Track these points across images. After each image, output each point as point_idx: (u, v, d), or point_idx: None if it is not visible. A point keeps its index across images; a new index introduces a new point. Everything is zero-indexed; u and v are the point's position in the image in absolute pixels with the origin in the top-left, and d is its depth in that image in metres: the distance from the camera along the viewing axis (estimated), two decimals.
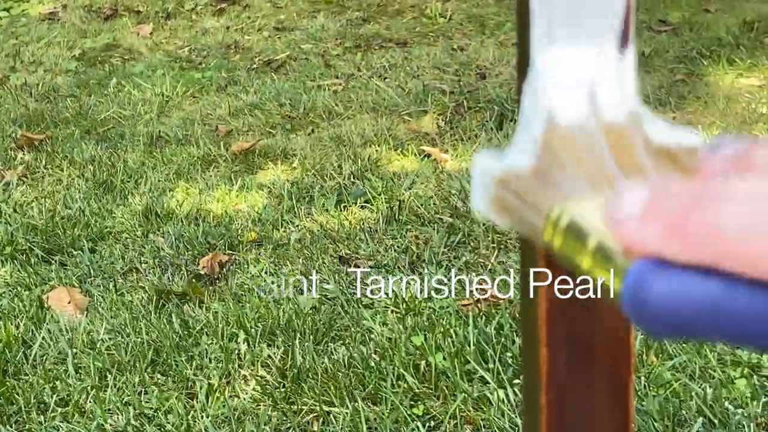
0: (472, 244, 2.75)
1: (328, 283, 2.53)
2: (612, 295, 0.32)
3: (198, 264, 2.72)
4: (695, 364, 1.96)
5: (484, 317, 2.26)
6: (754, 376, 1.90)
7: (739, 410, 1.79)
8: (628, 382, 0.52)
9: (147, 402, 2.02)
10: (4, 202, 3.28)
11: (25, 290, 2.58)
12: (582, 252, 0.33)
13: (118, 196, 3.30)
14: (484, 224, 2.82)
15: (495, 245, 2.70)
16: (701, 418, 1.77)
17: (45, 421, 1.97)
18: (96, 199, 3.27)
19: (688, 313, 0.29)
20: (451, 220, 2.87)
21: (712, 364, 1.96)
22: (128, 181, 3.45)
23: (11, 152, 3.85)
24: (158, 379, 2.13)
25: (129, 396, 2.05)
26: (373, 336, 2.25)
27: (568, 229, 0.34)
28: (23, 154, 3.81)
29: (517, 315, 2.26)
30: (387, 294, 2.45)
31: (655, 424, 1.77)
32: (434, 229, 2.86)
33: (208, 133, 4.02)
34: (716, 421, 1.77)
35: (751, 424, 1.73)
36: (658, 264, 0.29)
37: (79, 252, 2.82)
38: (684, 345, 2.05)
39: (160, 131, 4.02)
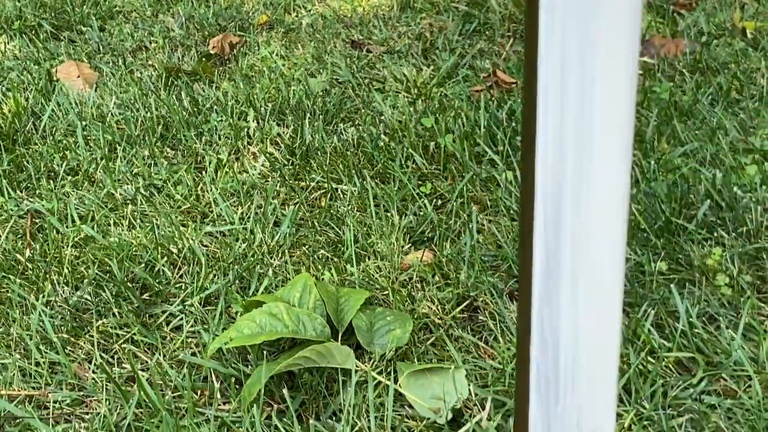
0: (487, 32, 2.70)
1: (340, 67, 2.50)
2: None
3: (208, 45, 2.68)
4: (706, 150, 1.95)
5: (495, 102, 2.24)
6: (765, 163, 1.89)
7: (748, 194, 1.79)
8: None
9: (156, 174, 2.03)
10: None
11: (34, 64, 2.56)
12: None
13: None
14: (500, 13, 2.76)
15: (510, 34, 2.65)
16: (708, 201, 1.77)
17: (55, 188, 1.98)
18: None
19: None
20: (467, 9, 2.81)
21: (723, 150, 1.95)
22: None
23: None
24: (167, 152, 2.13)
25: (138, 168, 2.05)
26: (383, 118, 2.24)
27: None
28: None
29: None
30: (399, 78, 2.42)
31: (662, 206, 1.77)
32: (449, 17, 2.80)
33: None
34: (723, 205, 1.77)
35: (758, 208, 1.73)
36: None
37: (88, 29, 2.78)
38: (697, 132, 2.04)
39: None
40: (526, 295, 0.46)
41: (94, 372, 1.51)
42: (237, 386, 1.46)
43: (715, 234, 1.72)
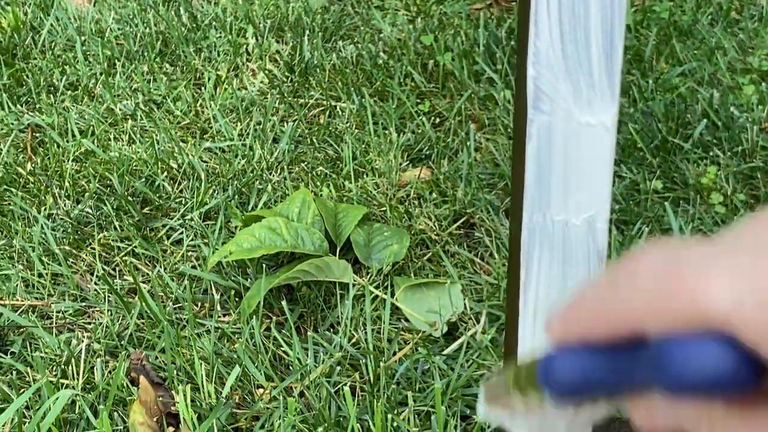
0: None
1: None
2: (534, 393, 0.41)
3: None
4: (704, 70, 1.95)
5: (495, 20, 2.23)
6: (763, 83, 1.90)
7: (744, 114, 1.80)
8: None
9: (156, 89, 2.03)
10: None
11: None
12: (518, 374, 0.42)
13: None
14: None
15: None
16: (705, 120, 1.78)
17: (55, 103, 1.98)
18: None
19: (584, 382, 0.37)
20: None
21: (721, 71, 1.95)
22: None
23: None
24: (167, 68, 2.13)
25: (138, 83, 2.06)
26: (382, 36, 2.23)
27: (515, 369, 0.43)
28: None
29: None
30: None
31: (659, 125, 1.78)
32: None
33: None
34: (720, 124, 1.78)
35: (755, 128, 1.74)
36: (567, 348, 0.37)
37: None
38: (695, 52, 2.04)
39: None
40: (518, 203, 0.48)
41: (96, 283, 1.53)
42: (236, 299, 1.49)
43: (711, 153, 1.73)
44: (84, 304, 1.50)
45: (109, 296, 1.50)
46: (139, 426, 1.28)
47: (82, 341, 1.40)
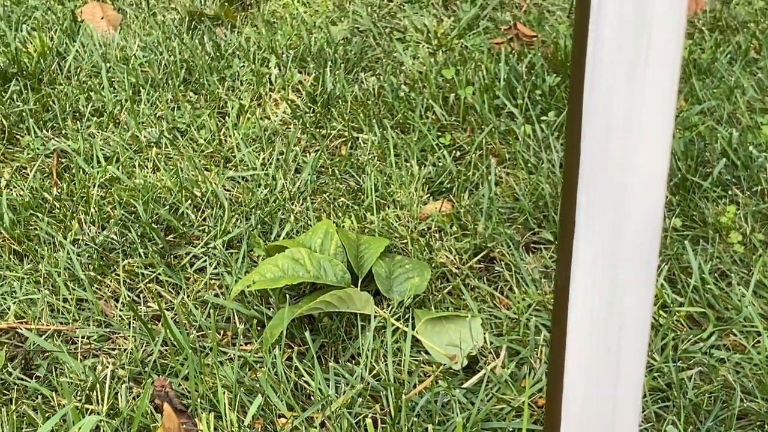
0: None
1: (361, 16, 2.52)
2: None
3: None
4: (723, 109, 1.97)
5: (515, 55, 2.26)
6: None
7: (763, 154, 1.82)
8: None
9: (180, 117, 2.06)
10: None
11: (58, 4, 2.57)
12: None
13: None
14: None
15: None
16: (724, 160, 1.80)
17: (81, 129, 2.01)
18: None
19: None
20: None
21: (740, 110, 1.97)
22: None
23: None
24: (190, 96, 2.15)
25: (162, 111, 2.08)
26: (403, 68, 2.26)
27: None
28: None
29: (549, 55, 2.26)
30: (419, 28, 2.44)
31: (679, 163, 1.80)
32: None
33: None
34: (739, 163, 1.80)
35: None
36: None
37: None
38: (714, 91, 2.06)
39: None
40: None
41: (120, 310, 1.55)
42: (259, 328, 1.50)
43: (730, 192, 1.75)
44: (108, 329, 1.51)
45: (133, 322, 1.52)
46: None
47: (107, 367, 1.42)
